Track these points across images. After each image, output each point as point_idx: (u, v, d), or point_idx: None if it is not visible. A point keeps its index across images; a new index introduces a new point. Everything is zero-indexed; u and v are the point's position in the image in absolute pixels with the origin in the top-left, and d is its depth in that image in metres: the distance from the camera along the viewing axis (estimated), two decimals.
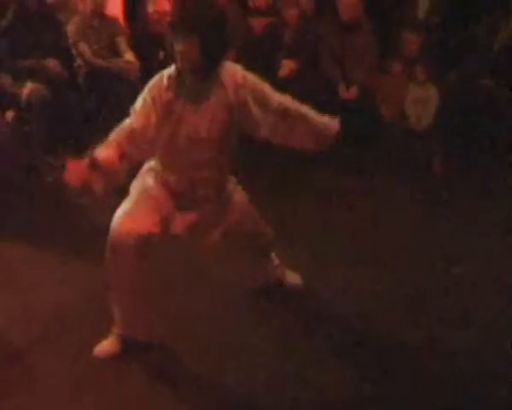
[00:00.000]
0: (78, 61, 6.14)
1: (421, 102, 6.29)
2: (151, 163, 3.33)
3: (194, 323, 3.66)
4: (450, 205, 5.33)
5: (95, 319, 3.61)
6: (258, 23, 6.97)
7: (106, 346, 3.40)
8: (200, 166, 3.21)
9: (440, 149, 6.13)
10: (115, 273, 3.22)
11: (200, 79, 3.09)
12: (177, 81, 3.11)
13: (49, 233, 4.63)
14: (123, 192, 3.38)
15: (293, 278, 3.98)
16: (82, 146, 3.09)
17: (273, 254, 3.88)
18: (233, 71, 3.16)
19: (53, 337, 3.54)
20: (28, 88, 5.67)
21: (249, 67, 6.41)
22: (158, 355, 3.41)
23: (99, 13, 6.21)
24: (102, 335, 3.44)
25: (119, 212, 3.24)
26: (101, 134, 6.09)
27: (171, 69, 3.13)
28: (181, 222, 3.28)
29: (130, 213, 3.20)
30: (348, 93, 6.36)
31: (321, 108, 6.06)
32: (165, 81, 3.12)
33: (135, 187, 3.33)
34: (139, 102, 3.12)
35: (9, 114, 5.81)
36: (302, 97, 6.10)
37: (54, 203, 5.07)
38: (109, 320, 3.41)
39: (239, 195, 3.53)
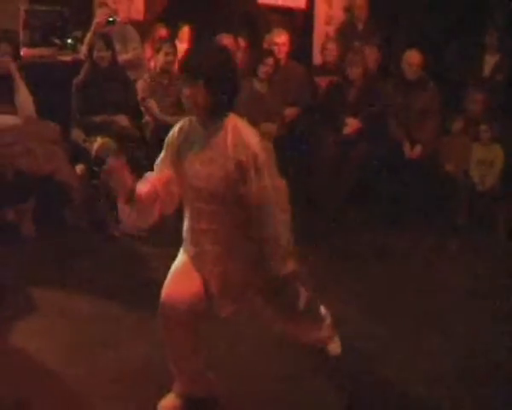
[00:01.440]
0: (146, 118, 6.30)
1: (485, 162, 6.24)
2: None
3: (255, 380, 3.66)
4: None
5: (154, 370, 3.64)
6: (323, 81, 7.06)
7: (169, 402, 3.42)
8: (202, 217, 3.12)
9: (504, 210, 6.06)
10: (166, 339, 3.24)
11: (205, 126, 3.06)
12: (186, 128, 3.14)
13: (114, 288, 4.67)
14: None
15: (334, 347, 3.88)
16: None
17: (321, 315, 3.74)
18: (239, 127, 3.05)
19: (118, 395, 3.57)
20: (98, 143, 5.84)
21: (314, 124, 6.60)
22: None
23: (168, 71, 6.38)
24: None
25: (166, 281, 3.26)
26: None
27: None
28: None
29: (168, 286, 3.21)
30: (412, 152, 6.36)
31: (385, 165, 6.19)
32: (177, 128, 3.17)
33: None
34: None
35: (79, 168, 5.99)
36: (366, 155, 6.22)
37: (119, 257, 5.16)
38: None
39: None
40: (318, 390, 3.63)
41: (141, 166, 5.95)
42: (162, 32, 7.61)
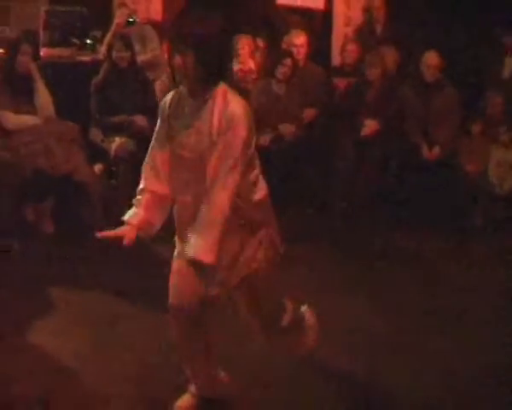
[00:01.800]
0: None
1: (504, 164, 6.21)
2: None
3: (268, 380, 3.67)
4: None
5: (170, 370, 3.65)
6: (341, 82, 7.06)
7: (184, 402, 3.41)
8: (183, 189, 3.09)
9: None
10: (179, 340, 3.23)
11: (194, 96, 3.02)
12: (176, 98, 3.11)
13: (132, 288, 4.67)
14: None
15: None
16: None
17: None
18: (227, 97, 2.98)
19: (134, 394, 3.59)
20: (116, 143, 5.87)
21: (332, 125, 6.59)
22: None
23: None
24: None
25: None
26: None
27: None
28: None
29: (173, 285, 3.19)
30: (430, 153, 6.35)
31: (403, 167, 6.18)
32: (169, 98, 3.14)
33: None
34: None
35: (98, 167, 6.03)
36: (384, 157, 6.21)
37: (137, 256, 5.17)
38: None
39: None
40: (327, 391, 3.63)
41: None
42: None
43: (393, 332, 4.20)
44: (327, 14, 8.24)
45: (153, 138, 3.18)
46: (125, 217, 3.18)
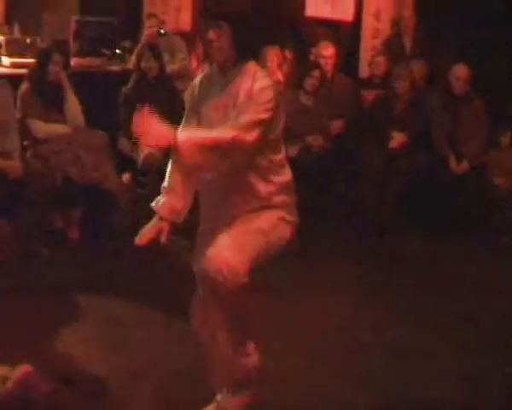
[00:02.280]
0: None
1: None
2: None
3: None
4: None
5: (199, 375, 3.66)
6: (369, 94, 7.05)
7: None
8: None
9: None
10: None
11: (224, 72, 3.03)
12: (207, 76, 3.13)
13: (159, 294, 4.72)
14: None
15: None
16: (194, 209, 3.17)
17: None
18: (256, 74, 2.98)
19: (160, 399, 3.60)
20: (145, 152, 5.90)
21: (360, 137, 6.57)
22: None
23: None
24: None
25: None
26: None
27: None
28: None
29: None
30: (459, 167, 6.31)
31: (431, 180, 6.15)
32: (198, 79, 3.17)
33: None
34: None
35: (126, 176, 6.07)
36: (412, 170, 6.18)
37: (164, 264, 5.21)
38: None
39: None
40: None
41: None
42: None
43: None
44: (355, 26, 8.25)
45: (181, 123, 3.19)
46: (155, 205, 3.19)
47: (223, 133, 2.89)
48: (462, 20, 7.66)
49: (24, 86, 5.62)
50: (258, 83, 2.94)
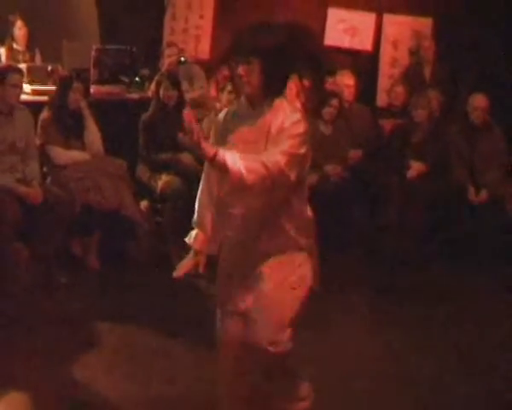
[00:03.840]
0: None
1: None
2: None
3: None
4: None
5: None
6: (387, 124, 7.05)
7: None
8: (236, 202, 3.06)
9: None
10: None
11: (253, 107, 3.02)
12: (233, 109, 3.14)
13: (175, 324, 4.71)
14: None
15: None
16: None
17: None
18: (285, 109, 2.98)
19: None
20: (163, 180, 5.92)
21: (378, 166, 6.56)
22: None
23: None
24: None
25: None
26: None
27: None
28: None
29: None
30: (478, 197, 6.28)
31: (449, 211, 6.12)
32: (224, 112, 3.17)
33: None
34: None
35: (144, 204, 6.09)
36: (430, 200, 6.16)
37: (181, 293, 5.21)
38: None
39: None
40: None
41: None
42: (226, 71, 7.73)
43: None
44: (373, 55, 8.28)
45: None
46: (188, 239, 3.24)
47: (272, 162, 2.85)
48: (482, 49, 7.68)
49: (44, 113, 5.67)
50: (290, 118, 2.93)
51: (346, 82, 6.99)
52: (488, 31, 7.67)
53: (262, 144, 2.95)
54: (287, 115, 2.94)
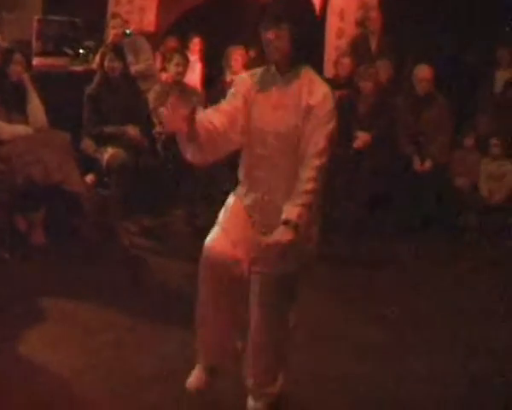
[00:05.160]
0: (157, 128, 6.30)
1: (495, 177, 6.26)
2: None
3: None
4: None
5: (163, 382, 3.65)
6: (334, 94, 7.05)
7: (195, 377, 3.36)
8: (262, 164, 3.13)
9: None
10: (209, 295, 3.18)
11: (281, 72, 3.08)
12: (260, 75, 3.15)
13: (121, 296, 4.67)
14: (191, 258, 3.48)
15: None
16: (158, 212, 3.16)
17: None
18: (314, 79, 3.08)
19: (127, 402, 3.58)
20: (109, 153, 5.85)
21: None
22: None
23: (179, 82, 6.39)
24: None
25: (211, 234, 3.22)
26: (178, 200, 6.26)
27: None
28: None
29: (218, 233, 3.18)
30: (422, 166, 6.36)
31: (394, 180, 6.19)
32: (249, 74, 3.19)
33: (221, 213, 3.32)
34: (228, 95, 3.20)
35: (90, 178, 6.01)
36: (375, 169, 6.22)
37: (129, 266, 5.18)
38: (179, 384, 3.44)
39: None
40: None
41: (152, 177, 6.03)
42: (173, 43, 7.66)
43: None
44: (319, 25, 8.27)
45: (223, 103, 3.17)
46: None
47: (311, 181, 2.99)
48: (428, 21, 7.74)
49: None
50: (319, 95, 3.02)
51: None
52: (433, 2, 7.73)
53: (292, 112, 3.02)
54: (314, 89, 3.03)
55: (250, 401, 3.36)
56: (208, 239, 3.19)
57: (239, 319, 3.28)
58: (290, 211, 2.96)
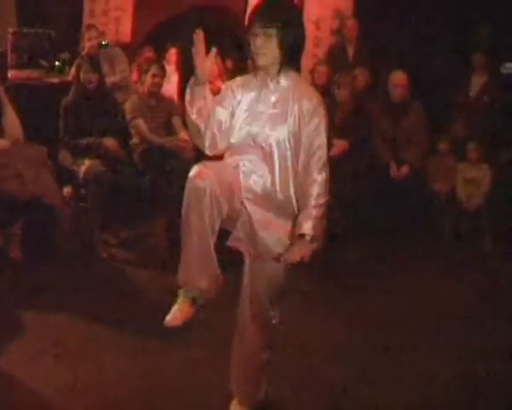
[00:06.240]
0: (134, 140, 6.28)
1: (472, 181, 6.30)
2: None
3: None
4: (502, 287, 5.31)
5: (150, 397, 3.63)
6: None
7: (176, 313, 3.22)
8: (252, 164, 3.13)
9: (490, 229, 6.12)
10: (190, 221, 3.05)
11: (271, 77, 3.10)
12: (248, 81, 3.17)
13: (102, 310, 4.65)
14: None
15: None
16: (136, 223, 3.13)
17: None
18: (303, 83, 3.18)
19: None
20: (85, 165, 5.83)
21: None
22: None
23: (156, 93, 6.38)
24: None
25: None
26: (156, 212, 6.23)
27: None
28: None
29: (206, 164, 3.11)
30: (399, 172, 6.39)
31: (371, 187, 6.22)
32: (239, 79, 3.21)
33: None
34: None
35: (67, 190, 5.98)
36: (353, 176, 6.24)
37: (108, 279, 5.15)
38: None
39: None
40: None
41: (128, 188, 6.01)
42: (149, 54, 7.65)
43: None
44: None
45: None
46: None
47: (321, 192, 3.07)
48: (404, 28, 7.80)
49: None
50: (313, 101, 3.07)
51: None
52: (409, 8, 7.79)
53: (284, 118, 3.06)
54: (307, 95, 3.08)
55: (234, 406, 3.36)
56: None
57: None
58: (304, 225, 3.03)
